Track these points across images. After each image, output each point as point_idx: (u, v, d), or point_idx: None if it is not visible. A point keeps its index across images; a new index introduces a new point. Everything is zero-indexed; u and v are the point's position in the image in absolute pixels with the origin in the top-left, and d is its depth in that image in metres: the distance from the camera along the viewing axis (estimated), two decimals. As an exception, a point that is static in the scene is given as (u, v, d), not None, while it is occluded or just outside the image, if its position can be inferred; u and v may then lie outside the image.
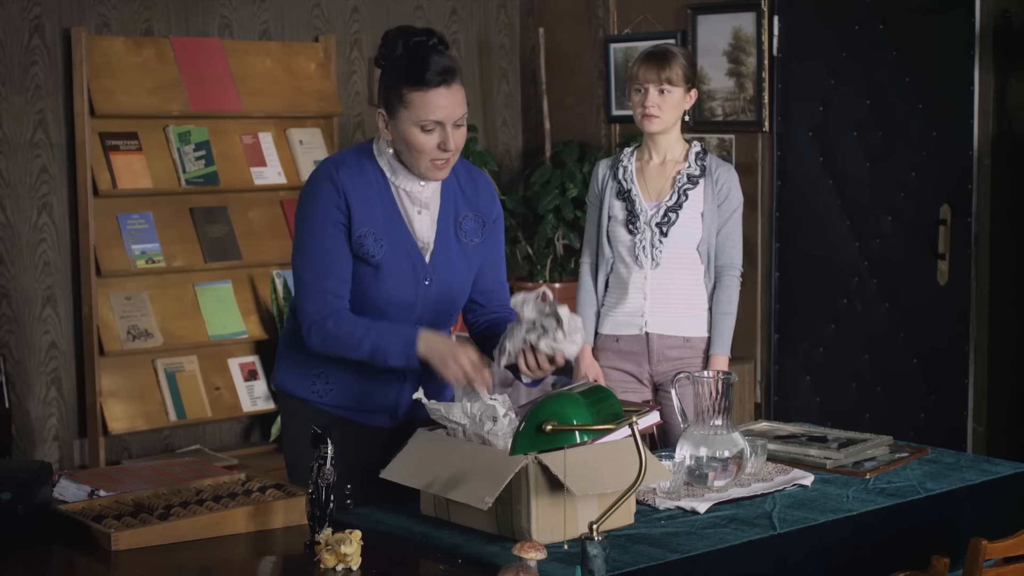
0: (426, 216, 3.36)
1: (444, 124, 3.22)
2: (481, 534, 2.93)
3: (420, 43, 3.23)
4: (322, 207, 3.26)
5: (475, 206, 3.43)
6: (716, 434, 3.25)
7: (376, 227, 3.28)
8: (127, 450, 5.84)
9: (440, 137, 3.22)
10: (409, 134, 3.22)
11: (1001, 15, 5.88)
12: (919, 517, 3.24)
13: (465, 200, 3.42)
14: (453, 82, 3.22)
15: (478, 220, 3.43)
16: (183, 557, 2.83)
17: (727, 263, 4.30)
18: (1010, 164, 5.96)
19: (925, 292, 5.98)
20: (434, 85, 3.18)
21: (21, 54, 5.55)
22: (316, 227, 3.27)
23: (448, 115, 3.22)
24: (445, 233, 3.38)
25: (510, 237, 6.56)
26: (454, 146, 3.25)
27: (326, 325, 3.25)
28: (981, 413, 6.06)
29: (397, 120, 3.23)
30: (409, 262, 3.32)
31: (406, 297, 3.32)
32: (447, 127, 3.23)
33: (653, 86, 4.21)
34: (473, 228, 3.43)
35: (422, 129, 3.21)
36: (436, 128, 3.22)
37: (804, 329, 5.85)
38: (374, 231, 3.28)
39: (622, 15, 6.45)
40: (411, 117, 3.20)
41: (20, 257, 5.57)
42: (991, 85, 5.91)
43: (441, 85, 3.20)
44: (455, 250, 3.39)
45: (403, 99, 3.20)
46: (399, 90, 3.20)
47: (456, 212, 3.40)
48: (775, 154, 5.76)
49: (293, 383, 3.45)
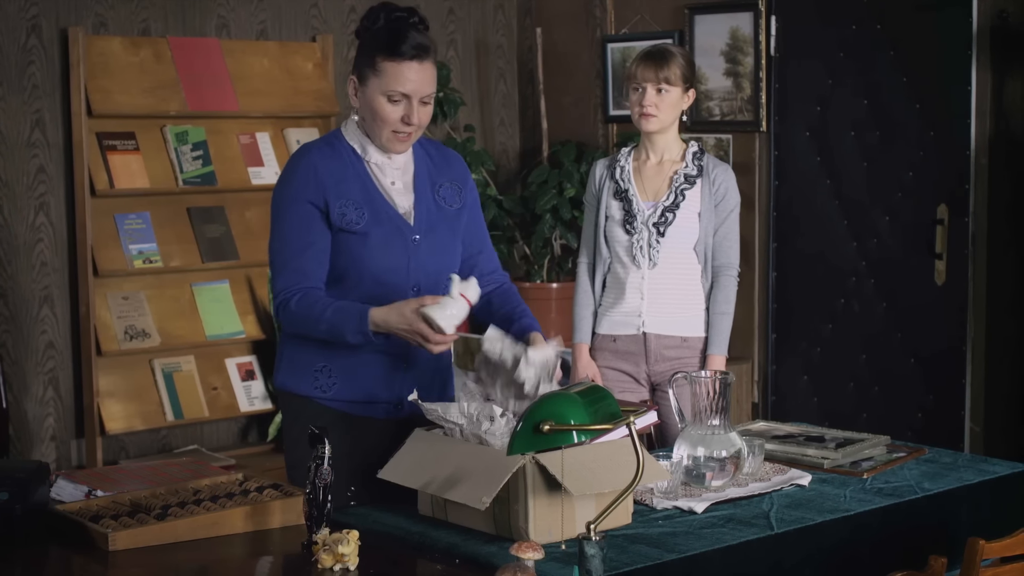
0: (400, 186, 3.42)
1: (411, 98, 3.29)
2: (479, 534, 2.93)
3: (401, 18, 3.32)
4: (295, 188, 3.35)
5: (448, 175, 3.51)
6: (714, 434, 3.25)
7: (354, 197, 3.35)
8: (124, 450, 5.84)
9: (405, 110, 3.30)
10: (376, 102, 3.30)
11: (998, 15, 5.89)
12: (916, 517, 3.24)
13: (438, 170, 3.50)
14: (426, 59, 3.30)
15: (454, 187, 3.51)
16: (180, 557, 2.83)
17: (724, 263, 4.31)
18: (1007, 164, 5.97)
19: (923, 292, 5.98)
20: (407, 58, 3.26)
21: (18, 54, 5.55)
22: (288, 208, 3.35)
23: (416, 89, 3.28)
24: (424, 198, 3.44)
25: (508, 237, 6.56)
26: (417, 121, 3.32)
27: (290, 304, 3.30)
28: (978, 413, 6.07)
29: (367, 87, 3.32)
30: (393, 225, 3.37)
31: (398, 260, 3.37)
32: (413, 101, 3.29)
33: (651, 85, 4.21)
34: (451, 194, 3.50)
35: (389, 99, 3.29)
36: (402, 100, 3.29)
37: (802, 329, 5.85)
38: (353, 201, 3.34)
39: (619, 15, 6.45)
40: (380, 85, 3.29)
41: (17, 257, 5.57)
42: (988, 85, 5.92)
43: (414, 59, 3.27)
44: (436, 214, 3.45)
45: (375, 67, 3.29)
46: (373, 58, 3.29)
47: (432, 181, 3.47)
48: (772, 154, 5.76)
49: (295, 381, 3.45)
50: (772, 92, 5.75)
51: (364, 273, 3.35)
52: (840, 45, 5.82)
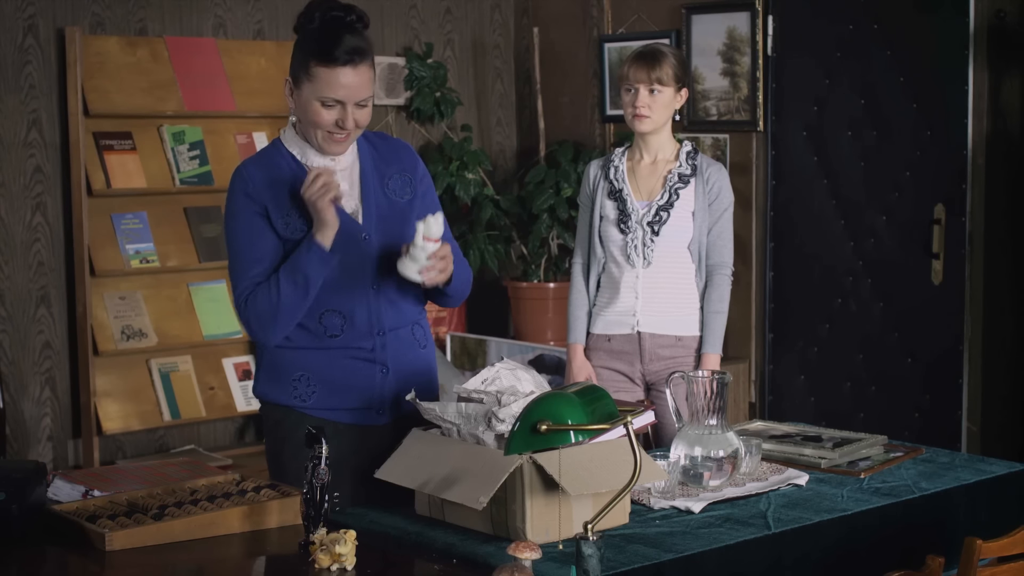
0: (346, 186, 3.37)
1: (345, 103, 3.23)
2: (476, 534, 2.93)
3: (336, 18, 3.25)
4: (237, 202, 3.32)
5: (397, 166, 3.47)
6: (711, 434, 3.25)
7: (298, 205, 3.29)
8: (121, 450, 5.83)
9: (339, 114, 3.25)
10: (309, 107, 3.25)
11: (995, 15, 5.89)
12: (914, 517, 3.24)
13: (385, 162, 3.45)
14: (361, 63, 3.23)
15: (404, 177, 3.46)
16: (177, 557, 2.83)
17: (718, 262, 4.31)
18: (1004, 163, 5.97)
19: (920, 292, 5.99)
20: (340, 64, 3.20)
21: (15, 54, 5.54)
22: (235, 223, 3.32)
23: (350, 95, 3.23)
24: (373, 194, 3.40)
25: (505, 237, 6.56)
26: (352, 125, 3.26)
27: (247, 305, 3.27)
28: (975, 412, 6.07)
29: (301, 91, 3.26)
30: (343, 228, 3.29)
31: (352, 260, 3.33)
32: (348, 106, 3.24)
33: (643, 86, 4.22)
34: (401, 185, 3.45)
35: (322, 104, 3.24)
36: (336, 105, 3.24)
37: (799, 329, 5.85)
38: (297, 209, 3.30)
39: (616, 15, 6.45)
40: (313, 91, 3.23)
41: (14, 257, 5.57)
42: (985, 85, 5.93)
43: (347, 64, 3.21)
44: (387, 208, 3.41)
45: (309, 72, 3.23)
46: (307, 62, 3.23)
47: (379, 175, 3.43)
48: (769, 154, 5.77)
49: (274, 391, 3.43)
50: (769, 92, 5.75)
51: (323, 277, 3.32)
52: (837, 45, 5.83)
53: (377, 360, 3.37)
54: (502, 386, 3.12)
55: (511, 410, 2.97)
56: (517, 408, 2.96)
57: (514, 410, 2.96)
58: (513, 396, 3.01)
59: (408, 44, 6.62)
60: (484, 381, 3.15)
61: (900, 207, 5.96)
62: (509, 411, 2.97)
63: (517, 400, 2.99)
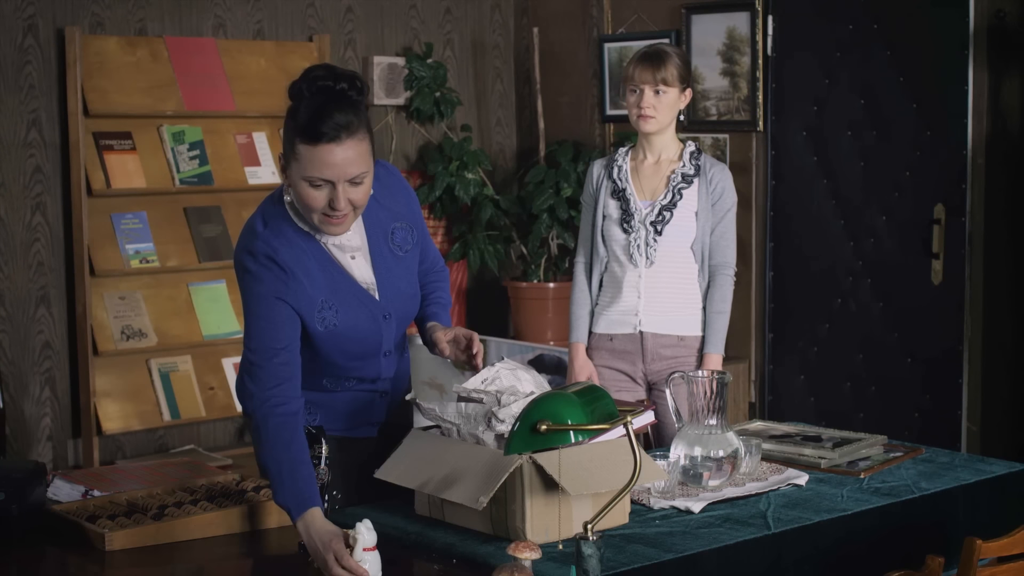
0: (360, 258, 3.21)
1: (335, 183, 2.95)
2: (475, 534, 2.93)
3: (325, 89, 2.99)
4: (264, 287, 3.06)
5: (396, 212, 3.27)
6: (711, 434, 3.25)
7: (330, 296, 3.13)
8: (121, 450, 5.83)
9: (330, 195, 2.96)
10: (299, 187, 2.98)
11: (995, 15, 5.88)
12: (913, 517, 3.24)
13: (386, 212, 3.24)
14: (349, 138, 2.93)
15: (406, 228, 3.29)
16: (177, 557, 2.83)
17: (721, 262, 4.31)
18: (1004, 164, 5.96)
19: (919, 292, 5.98)
20: (325, 141, 2.91)
21: (15, 54, 5.54)
22: (261, 306, 3.06)
23: (338, 174, 2.94)
24: (382, 260, 3.24)
25: (504, 237, 6.56)
26: (343, 205, 2.98)
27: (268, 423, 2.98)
28: (975, 412, 6.07)
29: (290, 171, 3.01)
30: (364, 309, 3.19)
31: (371, 339, 3.23)
32: (338, 186, 2.95)
33: (648, 87, 4.22)
34: (404, 237, 3.28)
35: (310, 184, 2.96)
36: (325, 185, 2.96)
37: (798, 329, 5.85)
38: (330, 301, 3.13)
39: (616, 15, 6.45)
40: (299, 171, 2.96)
41: (14, 257, 5.57)
42: (985, 85, 5.92)
43: (332, 141, 2.91)
44: (396, 271, 3.26)
45: (294, 150, 2.96)
46: (292, 140, 2.97)
47: (383, 229, 3.24)
48: (769, 154, 5.76)
49: None
50: (769, 92, 5.75)
51: (340, 356, 3.21)
52: (837, 45, 5.83)
53: (379, 390, 3.36)
54: (502, 386, 3.12)
55: (511, 410, 2.97)
56: (517, 408, 2.96)
57: (514, 410, 2.96)
58: (513, 396, 3.01)
59: (408, 44, 6.62)
60: (484, 381, 3.15)
61: (900, 207, 5.95)
62: (509, 411, 2.97)
63: (517, 400, 2.99)
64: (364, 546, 2.59)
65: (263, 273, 3.05)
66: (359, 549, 2.59)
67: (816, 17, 5.81)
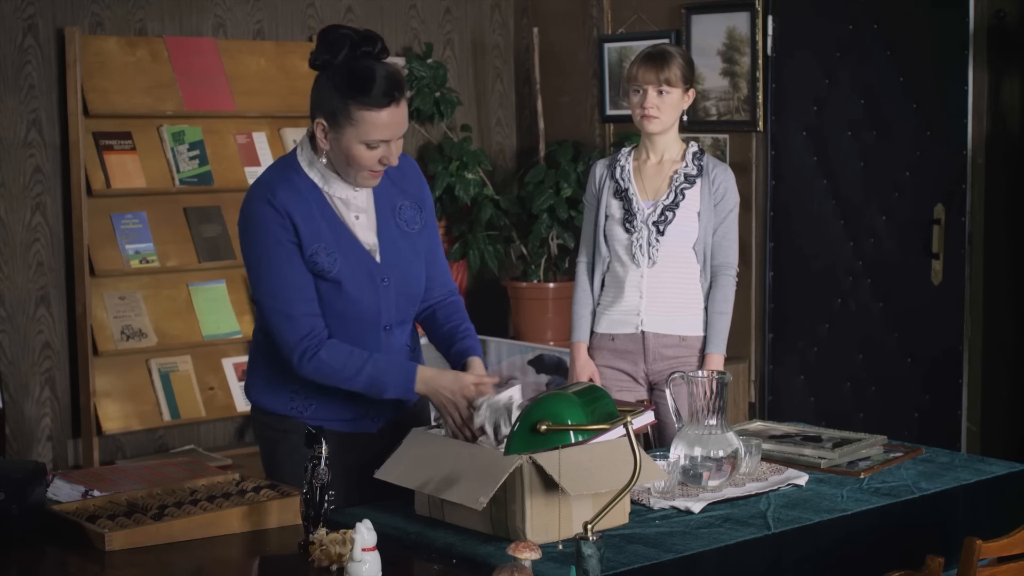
0: (364, 220, 3.31)
1: (389, 141, 3.15)
2: (475, 534, 2.93)
3: (366, 54, 3.13)
4: (269, 233, 3.19)
5: (407, 192, 3.39)
6: (710, 434, 3.25)
7: (325, 241, 3.23)
8: (121, 450, 5.83)
9: (383, 152, 3.16)
10: (353, 149, 3.15)
11: (995, 15, 5.89)
12: (913, 517, 3.24)
13: (396, 189, 3.37)
14: (401, 97, 3.13)
15: (414, 207, 3.39)
16: (177, 557, 2.83)
17: (723, 262, 4.31)
18: (1004, 164, 5.97)
19: (919, 292, 5.99)
20: (389, 104, 3.11)
21: (15, 54, 5.54)
22: (271, 254, 3.20)
23: (395, 133, 3.15)
24: (387, 229, 3.33)
25: (504, 237, 6.56)
26: (395, 160, 3.20)
27: (319, 355, 3.20)
28: (975, 412, 6.07)
29: (341, 134, 3.14)
30: (363, 268, 3.27)
31: (368, 303, 3.29)
32: (391, 143, 3.16)
33: (652, 87, 4.22)
34: (411, 215, 3.38)
35: (368, 146, 3.14)
36: (381, 145, 3.15)
37: (798, 329, 5.85)
38: (324, 245, 3.22)
39: (616, 15, 6.45)
40: (358, 135, 3.13)
41: (14, 257, 5.57)
42: (985, 85, 5.92)
43: (393, 103, 3.11)
44: (401, 243, 3.35)
45: (350, 116, 3.11)
46: (346, 105, 3.11)
47: (392, 204, 3.35)
48: (769, 154, 5.77)
49: (270, 400, 3.41)
50: (769, 92, 5.75)
51: (335, 315, 3.28)
52: (837, 45, 5.83)
53: None
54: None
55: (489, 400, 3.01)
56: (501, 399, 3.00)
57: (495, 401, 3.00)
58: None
59: (408, 44, 6.62)
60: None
61: (900, 207, 5.96)
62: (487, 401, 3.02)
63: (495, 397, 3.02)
64: (363, 546, 2.59)
65: (265, 217, 3.19)
66: (358, 549, 2.60)
67: (816, 17, 5.81)
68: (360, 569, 2.59)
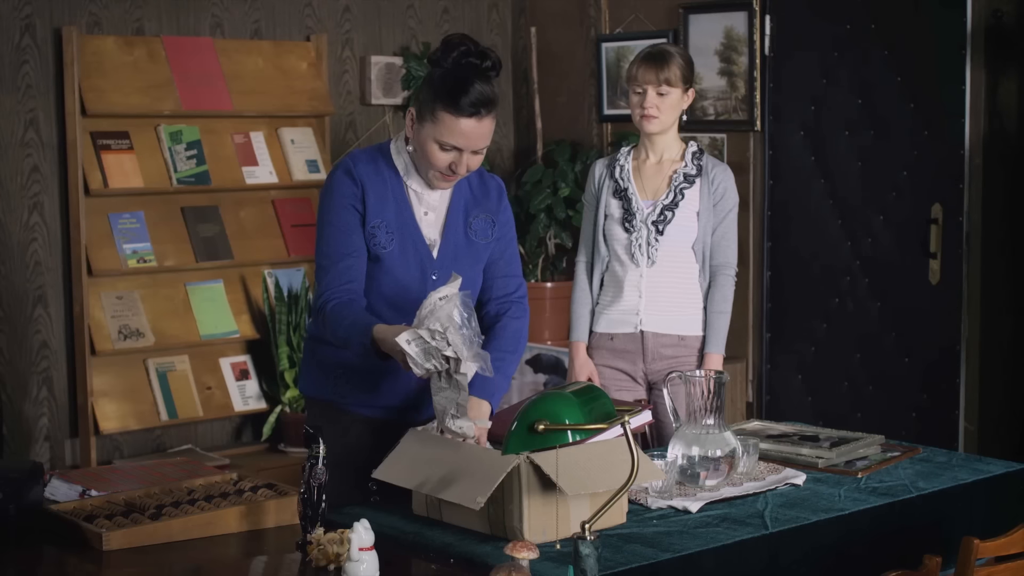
0: (432, 217, 3.41)
1: (463, 150, 3.26)
2: (473, 534, 2.93)
3: (470, 65, 3.24)
4: (339, 196, 3.34)
5: (484, 207, 3.50)
6: (708, 433, 3.25)
7: (388, 221, 3.35)
8: (118, 450, 5.83)
9: (454, 159, 3.27)
10: (427, 145, 3.27)
11: (993, 15, 5.89)
12: (911, 516, 3.24)
13: (475, 202, 3.48)
14: (487, 115, 3.24)
15: (488, 220, 3.49)
16: (174, 557, 2.83)
17: (722, 262, 4.31)
18: (1001, 163, 5.98)
19: (917, 291, 5.99)
20: (466, 114, 3.21)
21: (12, 53, 5.54)
22: (333, 214, 3.34)
23: (469, 144, 3.25)
24: (454, 232, 3.43)
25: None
26: (464, 171, 3.30)
27: (326, 308, 3.27)
28: (973, 412, 6.08)
29: (422, 127, 3.28)
30: (417, 256, 3.37)
31: (414, 293, 3.33)
32: (464, 153, 3.26)
33: (652, 87, 4.22)
34: (483, 228, 3.48)
35: (440, 147, 3.26)
36: (453, 150, 3.26)
37: (796, 328, 5.85)
38: (386, 224, 3.34)
39: (614, 14, 6.45)
40: (434, 133, 3.25)
41: (11, 257, 5.56)
42: (983, 84, 5.93)
43: (473, 116, 3.22)
44: (463, 248, 3.44)
45: (433, 114, 3.24)
46: (433, 104, 3.24)
47: (466, 213, 3.46)
48: (767, 153, 5.77)
49: (317, 387, 3.47)
50: (766, 91, 5.75)
51: (380, 295, 3.36)
52: (834, 44, 5.83)
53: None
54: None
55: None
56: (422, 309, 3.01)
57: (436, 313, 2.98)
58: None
59: (405, 44, 6.62)
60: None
61: (897, 207, 5.96)
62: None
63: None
64: (361, 546, 2.59)
65: (340, 182, 3.35)
66: (356, 549, 2.60)
67: (814, 17, 5.81)
68: (358, 569, 2.59)
